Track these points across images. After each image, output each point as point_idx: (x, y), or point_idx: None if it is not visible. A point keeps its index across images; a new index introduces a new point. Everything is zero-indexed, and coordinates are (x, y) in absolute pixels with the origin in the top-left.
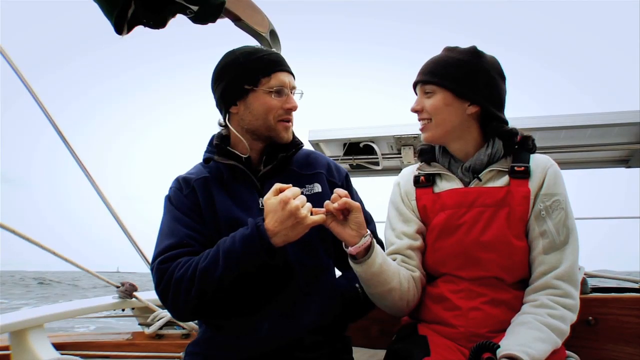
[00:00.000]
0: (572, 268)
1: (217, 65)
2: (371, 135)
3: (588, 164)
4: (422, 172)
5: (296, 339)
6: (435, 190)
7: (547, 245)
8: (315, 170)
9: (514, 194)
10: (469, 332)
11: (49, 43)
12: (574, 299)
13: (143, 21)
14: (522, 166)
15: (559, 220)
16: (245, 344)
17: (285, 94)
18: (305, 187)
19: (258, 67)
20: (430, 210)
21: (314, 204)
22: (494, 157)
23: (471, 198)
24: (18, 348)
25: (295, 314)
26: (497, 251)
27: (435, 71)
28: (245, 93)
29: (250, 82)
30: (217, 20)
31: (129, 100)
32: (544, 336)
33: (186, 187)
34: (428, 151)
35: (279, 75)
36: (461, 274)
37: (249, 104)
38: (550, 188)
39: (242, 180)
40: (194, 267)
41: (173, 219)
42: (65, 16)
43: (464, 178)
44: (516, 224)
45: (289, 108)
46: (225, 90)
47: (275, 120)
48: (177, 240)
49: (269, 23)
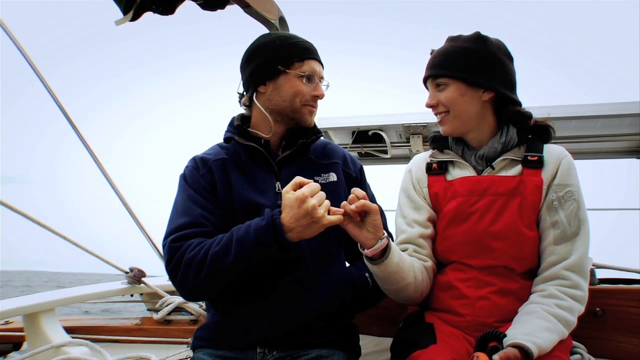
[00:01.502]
0: (582, 259)
1: (250, 45)
2: (380, 124)
3: (599, 155)
4: (435, 160)
5: (303, 325)
6: (447, 178)
7: (558, 236)
8: (331, 160)
9: (526, 184)
10: (476, 321)
11: (48, 42)
12: (582, 290)
13: (152, 7)
14: (535, 156)
15: (571, 211)
16: (253, 328)
17: (314, 82)
18: (321, 175)
19: (293, 51)
20: (442, 198)
21: (328, 192)
22: (507, 146)
23: (483, 186)
24: (31, 331)
25: (304, 300)
26: (508, 240)
27: (444, 63)
28: (277, 74)
29: (284, 64)
30: (225, 7)
31: (129, 100)
32: (550, 326)
33: (203, 166)
34: (441, 138)
35: (311, 62)
36: (471, 262)
37: (279, 85)
38: (563, 179)
39: (260, 163)
40: (206, 250)
41: (187, 198)
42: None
43: (477, 166)
44: (528, 214)
45: (316, 95)
46: (257, 69)
47: (301, 104)
48: (191, 219)
49: (278, 10)
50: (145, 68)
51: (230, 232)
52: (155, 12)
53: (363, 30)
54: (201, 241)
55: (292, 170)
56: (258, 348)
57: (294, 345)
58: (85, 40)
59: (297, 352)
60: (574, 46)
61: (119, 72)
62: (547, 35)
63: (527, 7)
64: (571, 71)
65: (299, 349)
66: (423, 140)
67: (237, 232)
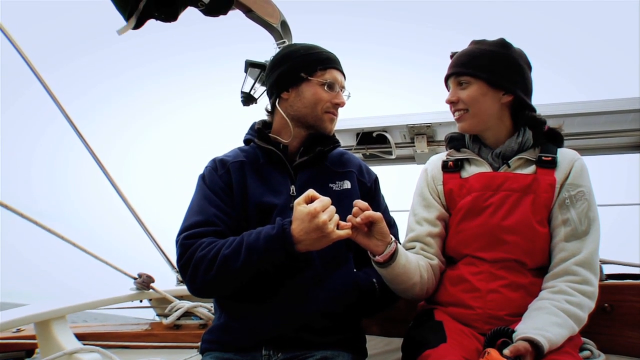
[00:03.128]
0: (592, 256)
1: (276, 54)
2: (384, 125)
3: (602, 150)
4: (452, 158)
5: (308, 323)
6: (462, 175)
7: (569, 233)
8: (347, 169)
9: (540, 182)
10: (487, 314)
11: (47, 43)
12: (592, 286)
13: (155, 14)
14: (549, 156)
15: (582, 210)
16: (259, 327)
17: (335, 90)
18: (335, 183)
19: (317, 59)
20: (456, 194)
21: (342, 199)
22: (523, 146)
23: (498, 182)
24: (43, 338)
25: (309, 299)
26: (520, 234)
27: (468, 63)
28: (299, 80)
29: (307, 71)
30: (228, 12)
31: (128, 100)
32: (560, 321)
33: (221, 167)
34: (458, 138)
35: (333, 71)
36: (483, 255)
37: (301, 91)
38: (576, 179)
39: (277, 166)
40: (216, 251)
41: (203, 197)
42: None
43: (494, 163)
44: (540, 210)
45: (337, 103)
46: (281, 75)
47: (323, 111)
48: (205, 218)
49: (280, 14)
50: (145, 68)
51: (241, 237)
52: (158, 19)
53: (364, 30)
54: (212, 241)
55: (307, 176)
56: (263, 349)
57: (299, 346)
58: (85, 41)
59: (302, 354)
60: (573, 45)
61: (118, 72)
62: (545, 34)
63: (526, 6)
64: (570, 70)
65: (304, 349)
66: (427, 140)
67: (247, 238)
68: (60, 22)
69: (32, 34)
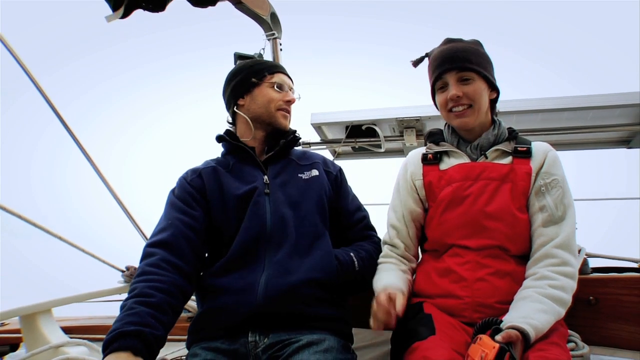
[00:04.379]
0: (569, 238)
1: (229, 72)
2: (373, 118)
3: (590, 145)
4: (431, 151)
5: (290, 291)
6: (441, 167)
7: (546, 219)
8: (312, 161)
9: (516, 171)
10: (475, 302)
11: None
12: (572, 266)
13: (142, 4)
14: (524, 147)
15: (557, 197)
16: (243, 303)
17: (285, 90)
18: (304, 173)
19: (264, 67)
20: (435, 186)
21: (313, 184)
22: (499, 138)
23: (477, 171)
24: (29, 332)
25: (291, 270)
26: (502, 221)
27: (470, 59)
28: (252, 86)
29: (257, 77)
30: (216, 4)
31: (126, 101)
32: (545, 307)
33: (192, 174)
34: (436, 133)
35: (280, 75)
36: (467, 243)
37: (254, 95)
38: (550, 168)
39: (248, 163)
40: (132, 289)
41: (169, 205)
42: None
43: (472, 155)
44: (518, 198)
45: (287, 100)
46: (235, 86)
47: (275, 109)
48: (165, 223)
49: (270, 6)
50: (142, 69)
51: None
52: (146, 9)
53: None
54: (148, 270)
55: (277, 168)
56: (250, 334)
57: (286, 326)
58: (78, 44)
59: (288, 338)
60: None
61: (113, 75)
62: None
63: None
64: (567, 67)
65: (291, 330)
66: (417, 133)
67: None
68: (51, 25)
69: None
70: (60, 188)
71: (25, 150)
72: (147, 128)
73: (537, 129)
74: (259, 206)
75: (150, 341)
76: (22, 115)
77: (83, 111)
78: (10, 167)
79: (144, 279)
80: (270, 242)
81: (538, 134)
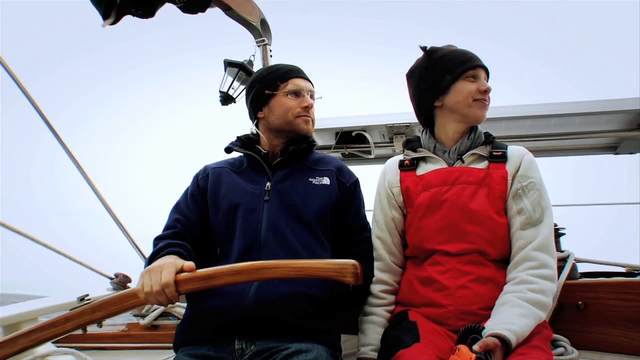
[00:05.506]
0: (547, 240)
1: (246, 85)
2: (363, 124)
3: (577, 151)
4: (408, 157)
5: (280, 300)
6: (418, 172)
7: (524, 222)
8: (326, 167)
9: (492, 176)
10: (458, 310)
11: (40, 47)
12: (551, 268)
13: (131, 10)
14: (500, 151)
15: (534, 199)
16: (233, 309)
17: (301, 95)
18: (315, 178)
19: (276, 75)
20: (412, 191)
21: (321, 193)
22: (475, 143)
23: (455, 176)
24: None
25: (282, 281)
26: (481, 225)
27: None
28: (267, 98)
29: (270, 88)
30: (206, 10)
31: (125, 102)
32: (525, 312)
33: (202, 172)
34: (413, 140)
35: (294, 80)
36: (446, 248)
37: (271, 107)
38: (526, 171)
39: (256, 169)
40: (159, 241)
41: (177, 203)
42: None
43: (449, 160)
44: (496, 202)
45: (305, 106)
46: (253, 100)
47: (294, 117)
48: (168, 223)
49: (260, 12)
50: (141, 69)
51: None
52: (135, 15)
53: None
54: (168, 235)
55: (284, 173)
56: (236, 341)
57: (274, 333)
58: (78, 44)
59: (276, 346)
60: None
61: (113, 75)
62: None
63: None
64: (563, 66)
65: (279, 338)
66: None
67: None
68: (39, 31)
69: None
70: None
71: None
72: (147, 128)
73: (525, 135)
74: (253, 214)
75: (191, 255)
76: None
77: (83, 111)
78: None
79: (166, 241)
80: (263, 250)
81: (526, 140)
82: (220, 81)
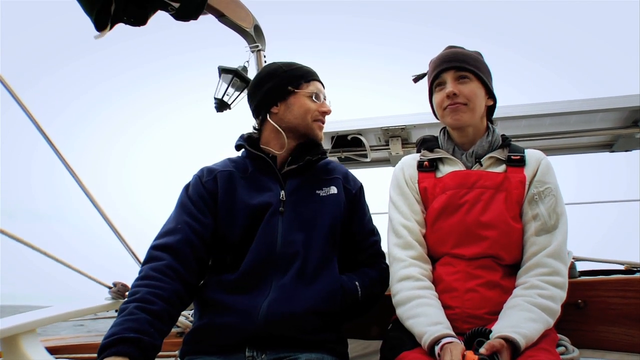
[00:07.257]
0: (560, 247)
1: (258, 74)
2: (359, 128)
3: (573, 150)
4: (426, 158)
5: (292, 319)
6: (437, 175)
7: (539, 227)
8: (333, 175)
9: (510, 180)
10: (465, 313)
11: (40, 47)
12: (562, 276)
13: (123, 18)
14: (518, 155)
15: (550, 206)
16: (244, 326)
17: (321, 100)
18: (322, 189)
19: (300, 74)
20: (430, 193)
21: (330, 203)
22: (493, 146)
23: (473, 179)
24: (10, 354)
25: (298, 298)
26: (497, 229)
27: (468, 61)
28: (287, 94)
29: (294, 85)
30: (199, 17)
31: (125, 102)
32: (534, 316)
33: (208, 175)
34: (431, 140)
35: (316, 83)
36: (460, 252)
37: (289, 104)
38: (543, 176)
39: (266, 173)
40: (131, 293)
41: (179, 205)
42: (55, 19)
43: (467, 162)
44: (513, 207)
45: (324, 111)
46: (269, 91)
47: (312, 120)
48: (174, 225)
49: (253, 18)
50: (141, 69)
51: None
52: (127, 23)
53: (338, 29)
54: (152, 275)
55: (296, 182)
56: (247, 350)
57: (284, 345)
58: (66, 49)
59: (286, 356)
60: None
61: (113, 75)
62: (540, 31)
63: (520, 5)
64: (563, 65)
65: (289, 349)
66: (402, 142)
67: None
68: (55, 26)
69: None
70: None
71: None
72: (147, 128)
73: (521, 134)
74: (271, 227)
75: (149, 349)
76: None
77: (83, 112)
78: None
79: (147, 283)
80: (277, 265)
81: (521, 139)
82: (215, 88)
